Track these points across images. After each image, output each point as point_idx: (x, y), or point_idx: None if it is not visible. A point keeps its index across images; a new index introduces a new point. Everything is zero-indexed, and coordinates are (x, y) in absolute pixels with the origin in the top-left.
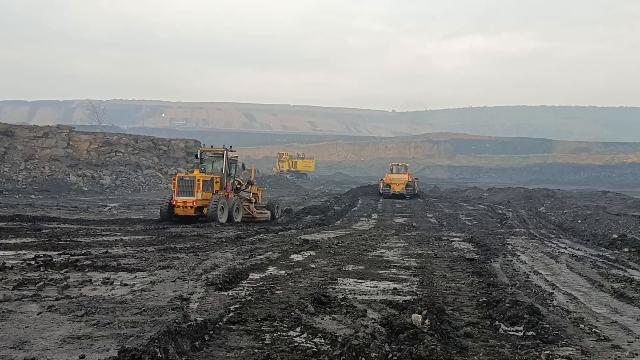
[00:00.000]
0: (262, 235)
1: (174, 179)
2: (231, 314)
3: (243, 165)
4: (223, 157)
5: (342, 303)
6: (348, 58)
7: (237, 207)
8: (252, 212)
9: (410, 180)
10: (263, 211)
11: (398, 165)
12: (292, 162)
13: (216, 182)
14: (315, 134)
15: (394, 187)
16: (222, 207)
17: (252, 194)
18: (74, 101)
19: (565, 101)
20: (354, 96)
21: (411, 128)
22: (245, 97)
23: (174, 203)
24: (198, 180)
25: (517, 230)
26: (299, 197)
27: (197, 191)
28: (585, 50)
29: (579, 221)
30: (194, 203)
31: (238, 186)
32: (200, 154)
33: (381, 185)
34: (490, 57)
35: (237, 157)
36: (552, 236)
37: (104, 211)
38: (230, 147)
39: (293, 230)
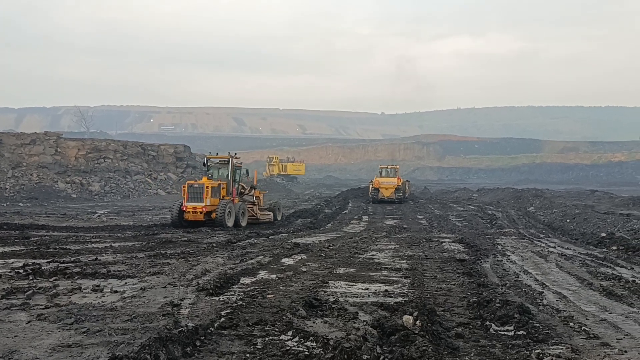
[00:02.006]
0: (252, 239)
1: (184, 186)
2: (222, 319)
3: (247, 171)
4: (229, 164)
5: (333, 306)
6: (336, 61)
7: (242, 212)
8: (256, 214)
9: (400, 184)
10: (266, 213)
11: (387, 168)
12: (282, 165)
13: (223, 188)
14: (305, 138)
15: (383, 192)
16: (229, 211)
17: (255, 197)
18: (62, 107)
19: (553, 101)
20: (342, 99)
21: (400, 130)
22: (234, 101)
23: (184, 209)
24: (207, 187)
25: (506, 230)
26: (289, 200)
27: (206, 197)
28: (571, 51)
29: (568, 220)
30: (204, 209)
31: (242, 190)
32: (207, 161)
33: (370, 188)
34: (478, 59)
35: (241, 163)
36: (542, 236)
37: (93, 218)
38: (235, 154)
39: (284, 234)
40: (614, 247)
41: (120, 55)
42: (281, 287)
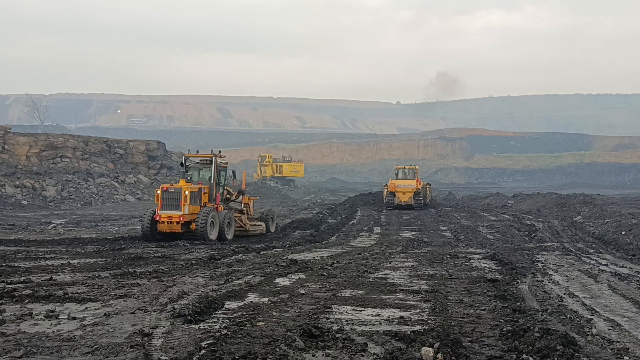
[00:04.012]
0: (240, 255)
1: (157, 191)
2: (203, 351)
3: (233, 172)
4: (211, 163)
5: (337, 336)
6: (341, 39)
7: (228, 222)
8: (244, 224)
9: (420, 187)
10: (257, 223)
11: (405, 168)
12: (277, 166)
13: (204, 193)
14: (304, 132)
15: (400, 196)
16: (212, 221)
17: (244, 204)
18: (10, 96)
19: (605, 88)
20: (349, 85)
21: (420, 123)
22: (218, 89)
23: (157, 218)
24: (185, 192)
25: (548, 244)
26: (285, 208)
27: (184, 204)
28: (627, 26)
29: (623, 232)
30: (181, 218)
31: (228, 196)
32: (186, 160)
33: (385, 193)
34: (512, 37)
35: (226, 163)
36: (591, 251)
37: (48, 229)
38: (219, 152)
39: (278, 249)
40: None
41: (80, 34)
42: (274, 313)
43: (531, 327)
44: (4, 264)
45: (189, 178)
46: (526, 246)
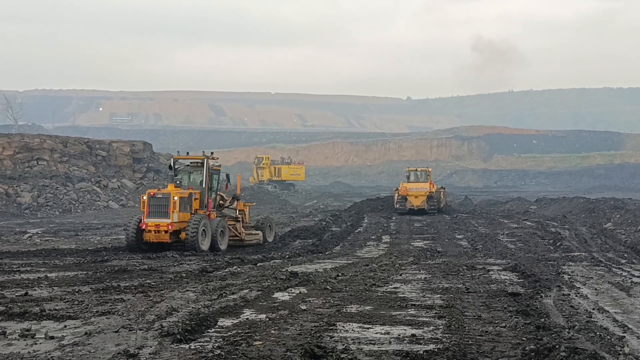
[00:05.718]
0: (235, 267)
1: (144, 197)
2: None
3: (227, 175)
4: (203, 166)
5: (342, 356)
6: (345, 28)
7: (221, 230)
8: (239, 233)
9: (434, 190)
10: (253, 232)
11: (417, 171)
12: (275, 168)
13: (195, 199)
14: (304, 131)
15: (412, 201)
16: (203, 230)
17: (239, 210)
18: None
19: (637, 82)
20: (355, 79)
21: (433, 120)
22: (210, 84)
23: (143, 227)
24: (174, 197)
25: (575, 254)
26: (284, 215)
27: (173, 211)
28: None
29: None
30: (169, 227)
31: (221, 202)
32: (175, 163)
33: (395, 197)
34: (535, 25)
35: (219, 165)
36: (623, 261)
37: (23, 239)
38: (212, 153)
39: (277, 260)
40: None
41: (58, 24)
42: (273, 331)
43: (557, 346)
44: None
45: (178, 182)
46: (551, 256)
